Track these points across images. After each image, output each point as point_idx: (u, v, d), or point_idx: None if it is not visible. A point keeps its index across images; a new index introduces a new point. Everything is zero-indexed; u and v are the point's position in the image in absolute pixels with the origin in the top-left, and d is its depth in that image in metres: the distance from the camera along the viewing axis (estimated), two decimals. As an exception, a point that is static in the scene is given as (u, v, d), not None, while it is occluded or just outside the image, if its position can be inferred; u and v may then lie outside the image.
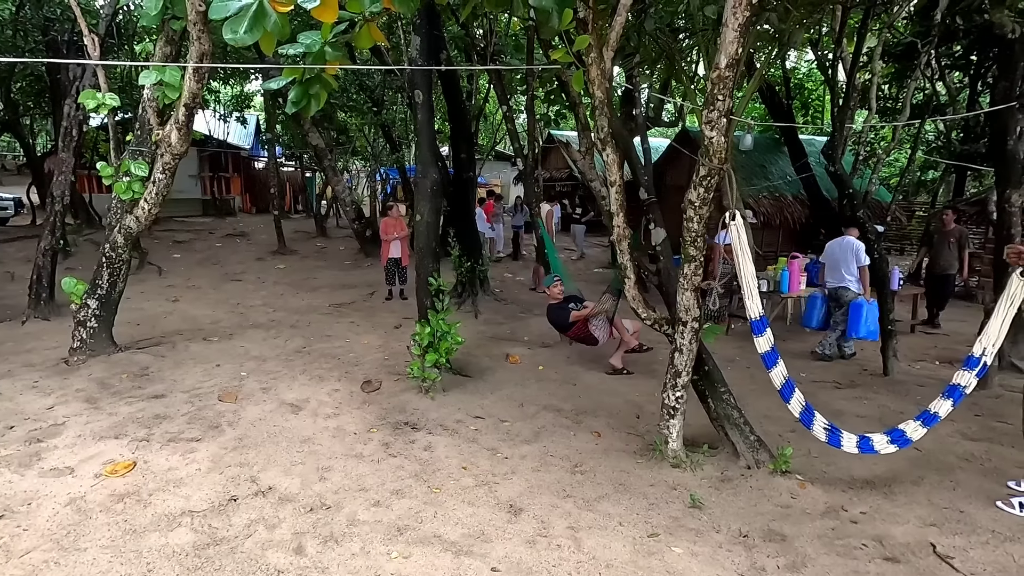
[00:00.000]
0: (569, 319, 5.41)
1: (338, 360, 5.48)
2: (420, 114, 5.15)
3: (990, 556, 2.76)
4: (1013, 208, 5.22)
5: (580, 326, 5.36)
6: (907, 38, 8.79)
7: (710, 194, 3.20)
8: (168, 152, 4.71)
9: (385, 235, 8.42)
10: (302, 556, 2.62)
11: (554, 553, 2.69)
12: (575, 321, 5.38)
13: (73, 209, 12.38)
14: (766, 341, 3.39)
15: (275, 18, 2.61)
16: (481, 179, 16.24)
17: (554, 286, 5.62)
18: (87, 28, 4.74)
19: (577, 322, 5.36)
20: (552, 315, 5.60)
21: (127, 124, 10.37)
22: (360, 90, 12.99)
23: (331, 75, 3.45)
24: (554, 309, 5.56)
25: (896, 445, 3.19)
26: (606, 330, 5.40)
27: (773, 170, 12.11)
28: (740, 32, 2.77)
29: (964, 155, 10.23)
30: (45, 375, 4.81)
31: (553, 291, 5.60)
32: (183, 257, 11.63)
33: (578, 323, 5.36)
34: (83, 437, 3.69)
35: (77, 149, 6.73)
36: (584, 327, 5.34)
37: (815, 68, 14.44)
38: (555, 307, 5.55)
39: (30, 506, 2.92)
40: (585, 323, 5.32)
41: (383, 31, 3.97)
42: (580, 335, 5.43)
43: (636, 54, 5.53)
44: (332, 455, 3.59)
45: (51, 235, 6.62)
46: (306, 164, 19.22)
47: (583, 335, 5.40)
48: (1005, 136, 5.19)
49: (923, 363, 6.12)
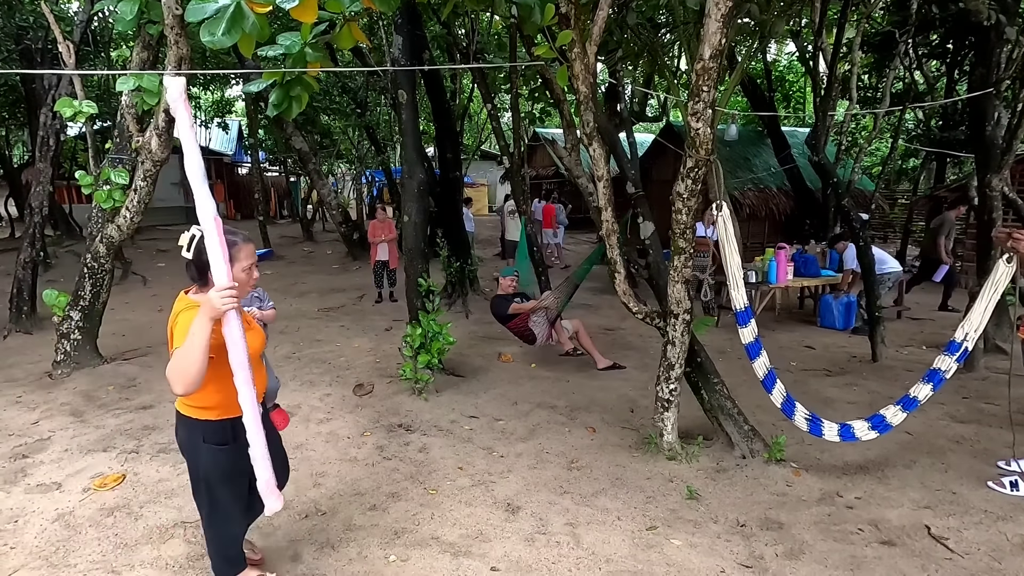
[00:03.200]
0: (508, 311, 5.37)
1: (329, 364, 5.43)
2: (404, 115, 5.11)
3: (983, 536, 2.79)
4: (993, 192, 5.30)
5: (520, 320, 5.31)
6: (885, 28, 8.90)
7: (698, 185, 3.21)
8: (149, 159, 4.63)
9: (373, 238, 8.36)
10: (299, 563, 2.59)
11: (553, 550, 2.69)
12: (515, 314, 5.33)
13: (53, 220, 12.20)
14: (750, 332, 3.41)
15: (253, 19, 2.57)
16: (467, 179, 16.24)
17: (508, 279, 5.59)
18: (61, 35, 4.65)
19: (517, 315, 5.32)
20: (494, 306, 5.56)
21: (106, 132, 10.22)
22: (343, 92, 12.90)
23: (312, 77, 3.40)
24: (498, 300, 5.53)
25: (877, 431, 3.22)
26: (546, 329, 5.34)
27: (757, 162, 12.22)
28: (723, 22, 2.78)
29: (944, 142, 10.38)
30: (29, 390, 4.71)
31: (504, 283, 5.57)
32: (168, 266, 11.47)
33: (518, 317, 5.31)
34: (70, 451, 3.62)
35: (55, 159, 6.61)
36: (524, 322, 5.29)
37: (796, 60, 14.61)
38: (499, 297, 5.53)
39: (17, 523, 2.86)
40: (526, 318, 5.28)
41: (364, 32, 3.94)
42: (519, 329, 5.37)
43: (619, 49, 5.55)
44: (326, 460, 3.55)
45: (31, 247, 6.49)
46: (290, 168, 19.08)
47: (522, 330, 5.35)
48: (983, 122, 5.26)
49: (911, 348, 6.19)
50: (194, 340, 1.73)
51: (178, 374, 1.73)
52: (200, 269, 1.91)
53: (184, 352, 1.74)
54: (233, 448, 2.04)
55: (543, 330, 5.33)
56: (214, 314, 1.75)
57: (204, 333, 1.73)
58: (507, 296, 5.50)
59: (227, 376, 1.91)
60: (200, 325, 1.74)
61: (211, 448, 2.04)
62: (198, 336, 1.73)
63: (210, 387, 1.88)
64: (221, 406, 2.02)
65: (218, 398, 2.00)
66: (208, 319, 1.75)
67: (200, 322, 1.75)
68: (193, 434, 2.06)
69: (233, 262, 1.91)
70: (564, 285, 5.47)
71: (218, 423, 2.03)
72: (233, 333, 1.83)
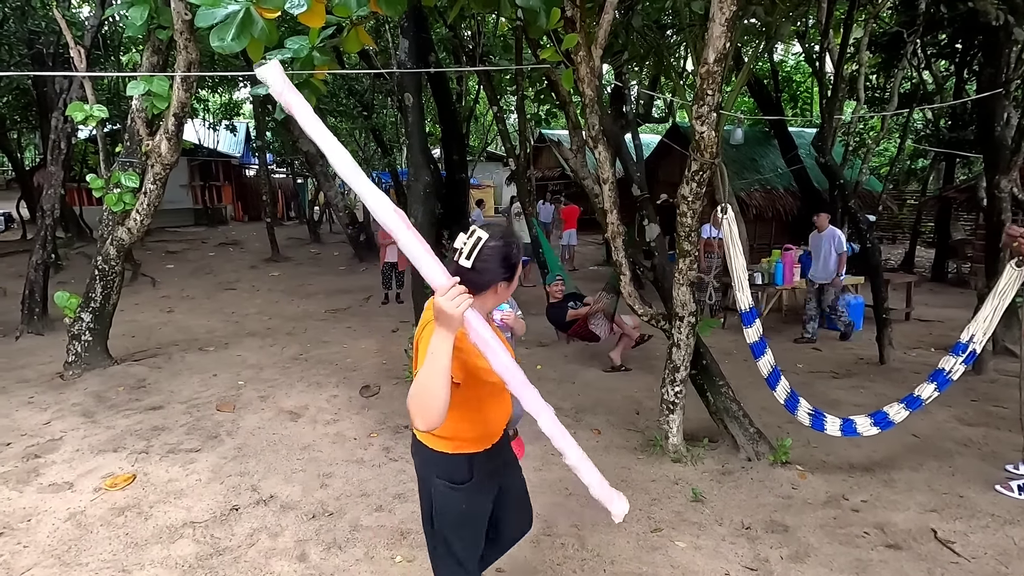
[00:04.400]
0: (567, 318, 5.42)
1: (336, 366, 5.46)
2: (411, 117, 5.14)
3: (991, 540, 2.78)
4: (1003, 194, 5.27)
5: (580, 324, 5.36)
6: (892, 28, 8.84)
7: (703, 189, 3.22)
8: (159, 162, 4.69)
9: (383, 240, 8.42)
10: (306, 564, 2.61)
11: (558, 551, 2.70)
12: (574, 320, 5.38)
13: (64, 223, 12.31)
14: (755, 331, 3.42)
15: (262, 24, 2.60)
16: (473, 180, 16.27)
17: (554, 285, 5.62)
18: (73, 40, 4.71)
19: (576, 320, 5.37)
20: (551, 315, 5.61)
21: (116, 135, 10.33)
22: (349, 95, 12.97)
23: (320, 80, 3.44)
24: (553, 308, 5.57)
25: (879, 427, 3.21)
26: (606, 327, 5.41)
27: (764, 163, 12.17)
28: (727, 26, 2.78)
29: (952, 142, 10.31)
30: (41, 390, 4.77)
31: (553, 290, 5.60)
32: (176, 267, 11.57)
33: (578, 321, 5.37)
34: (81, 451, 3.67)
35: (66, 162, 6.68)
36: (584, 325, 5.35)
37: (802, 61, 14.53)
38: (554, 306, 5.56)
39: (30, 522, 2.90)
40: (585, 321, 5.33)
41: (370, 35, 3.96)
42: (580, 333, 5.43)
43: (624, 51, 5.55)
44: (333, 461, 3.58)
45: (42, 249, 6.57)
46: (297, 170, 19.16)
47: (583, 333, 5.41)
48: (992, 123, 5.24)
49: (919, 350, 6.15)
50: (433, 363, 1.39)
51: (418, 405, 1.41)
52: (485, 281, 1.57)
53: (423, 377, 1.41)
54: (470, 489, 1.71)
55: (604, 328, 5.39)
56: (451, 324, 1.38)
57: (445, 353, 1.39)
58: (560, 304, 5.54)
59: (472, 404, 1.64)
60: (438, 342, 1.39)
61: (444, 486, 1.71)
62: (438, 357, 1.39)
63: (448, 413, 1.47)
64: (459, 438, 1.69)
65: (456, 428, 1.66)
66: (447, 332, 1.39)
67: (438, 338, 1.40)
68: (426, 465, 1.75)
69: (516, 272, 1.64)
70: (607, 288, 5.41)
71: (453, 457, 1.70)
72: (481, 336, 1.43)
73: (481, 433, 1.73)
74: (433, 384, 1.39)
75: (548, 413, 1.53)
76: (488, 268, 1.56)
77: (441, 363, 1.39)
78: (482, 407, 1.70)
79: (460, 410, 1.61)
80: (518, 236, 1.53)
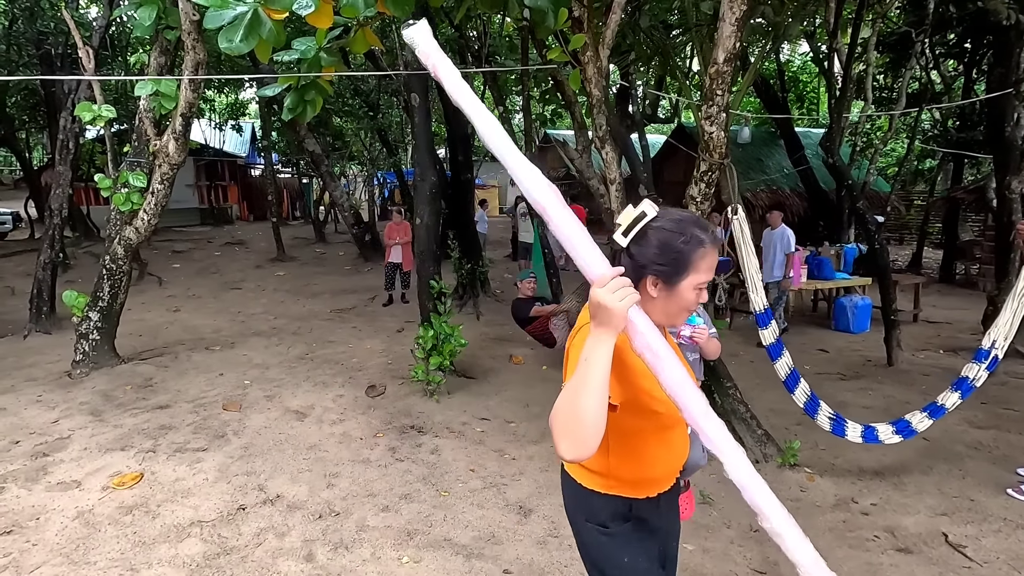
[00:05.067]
0: (530, 313, 5.37)
1: (341, 366, 5.47)
2: (417, 117, 5.14)
3: (1002, 544, 2.75)
4: (1013, 195, 5.23)
5: (541, 323, 5.31)
6: (901, 28, 8.79)
7: (711, 189, 3.20)
8: (166, 162, 4.70)
9: (388, 240, 8.43)
10: (313, 563, 2.61)
11: (565, 553, 2.69)
12: (536, 316, 5.33)
13: (71, 222, 12.38)
14: (771, 333, 3.38)
15: (270, 26, 2.61)
16: (478, 180, 16.27)
17: (526, 282, 5.62)
18: (81, 41, 4.74)
19: (538, 318, 5.32)
20: (515, 308, 5.59)
21: (123, 135, 10.38)
22: (355, 95, 12.99)
23: (326, 81, 3.44)
24: (518, 302, 5.56)
25: (901, 436, 3.18)
26: (566, 332, 5.30)
27: (770, 163, 12.13)
28: (737, 26, 2.77)
29: (961, 143, 10.24)
30: (49, 389, 4.80)
31: (524, 286, 5.61)
32: (182, 267, 11.62)
33: (539, 319, 5.31)
34: (89, 450, 3.68)
35: (74, 162, 6.72)
36: (544, 324, 5.29)
37: (809, 61, 14.48)
38: (520, 300, 5.56)
39: (38, 521, 2.91)
40: (547, 320, 5.28)
41: (376, 35, 3.96)
42: (539, 332, 5.37)
43: (631, 51, 5.54)
44: (339, 461, 3.58)
45: (50, 248, 6.61)
46: (303, 170, 19.23)
47: (542, 333, 5.34)
48: (1003, 123, 5.20)
49: (927, 352, 6.11)
50: (587, 372, 1.07)
51: (563, 425, 1.09)
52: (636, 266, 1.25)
53: (571, 391, 1.09)
54: (630, 535, 1.37)
55: (563, 333, 5.32)
56: (612, 322, 1.06)
57: (602, 361, 1.07)
58: (527, 299, 5.53)
59: (632, 438, 1.31)
60: (594, 346, 1.08)
61: (597, 531, 1.38)
62: (593, 365, 1.07)
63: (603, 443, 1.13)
64: (613, 476, 1.35)
65: (609, 464, 1.34)
66: (606, 334, 1.07)
67: (594, 341, 1.08)
68: (575, 502, 1.43)
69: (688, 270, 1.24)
70: (582, 288, 5.46)
71: (607, 499, 1.36)
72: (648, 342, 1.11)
73: (641, 477, 1.35)
74: (584, 400, 1.06)
75: (739, 456, 1.16)
76: (642, 252, 1.24)
77: (597, 373, 1.06)
78: (646, 444, 1.33)
79: (617, 442, 1.30)
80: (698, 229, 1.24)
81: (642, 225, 1.22)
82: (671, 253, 1.23)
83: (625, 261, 1.25)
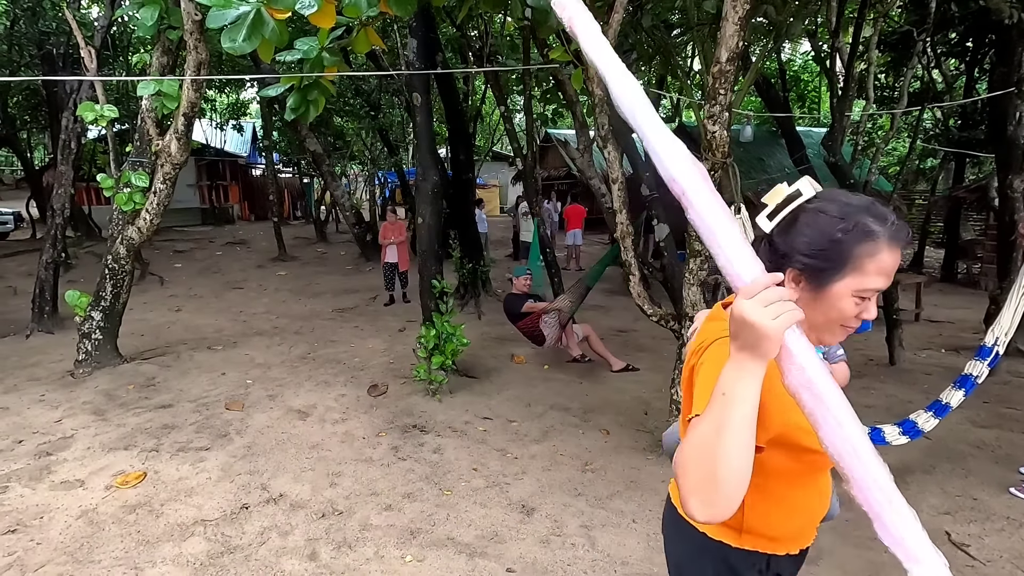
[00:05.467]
0: (521, 308, 5.37)
1: (343, 365, 5.48)
2: (419, 117, 5.14)
3: (1005, 543, 2.75)
4: (1015, 194, 5.22)
5: (531, 320, 5.30)
6: (902, 27, 8.78)
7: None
8: (168, 162, 4.71)
9: (383, 239, 8.42)
10: (316, 562, 2.62)
11: (568, 552, 2.69)
12: (527, 313, 5.33)
13: (73, 222, 12.39)
14: None
15: (273, 25, 2.61)
16: (479, 180, 16.27)
17: (522, 279, 5.62)
18: (83, 41, 4.74)
19: (530, 314, 5.31)
20: (507, 303, 5.59)
21: (125, 135, 10.39)
22: (356, 94, 13.00)
23: (329, 81, 3.44)
24: (511, 298, 5.56)
25: (908, 436, 3.17)
26: (556, 332, 5.30)
27: (771, 163, 12.14)
28: (740, 25, 2.77)
29: (963, 142, 10.23)
30: (51, 388, 4.81)
31: (518, 282, 5.61)
32: (184, 267, 11.64)
33: (530, 316, 5.31)
34: (92, 449, 3.69)
35: (76, 162, 6.73)
36: (535, 322, 5.28)
37: (811, 60, 14.46)
38: (512, 296, 5.57)
39: (42, 519, 2.92)
40: (537, 318, 5.27)
41: (378, 35, 3.96)
42: (529, 329, 5.35)
43: (633, 51, 5.54)
44: (342, 460, 3.58)
45: (52, 248, 6.62)
46: (304, 170, 19.24)
47: (532, 330, 5.33)
48: (1005, 122, 5.19)
49: (929, 351, 6.11)
50: (728, 411, 0.80)
51: (697, 479, 0.81)
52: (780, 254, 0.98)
53: (707, 433, 0.81)
54: None
55: (553, 332, 5.31)
56: (763, 347, 0.77)
57: (749, 397, 0.80)
58: (521, 295, 5.54)
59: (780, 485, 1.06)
60: (738, 376, 0.80)
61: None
62: (737, 402, 0.80)
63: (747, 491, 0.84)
64: (755, 532, 1.11)
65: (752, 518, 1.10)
66: (754, 362, 0.79)
67: (737, 370, 0.80)
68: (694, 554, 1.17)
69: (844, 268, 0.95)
70: (576, 288, 5.47)
71: (743, 554, 1.12)
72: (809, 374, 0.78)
73: (792, 530, 1.11)
74: (726, 447, 0.79)
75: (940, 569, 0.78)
76: (787, 241, 0.97)
77: (741, 413, 0.79)
78: (792, 490, 1.08)
79: (761, 492, 1.01)
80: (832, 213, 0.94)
81: (794, 206, 0.95)
82: (823, 243, 0.93)
83: (764, 252, 0.98)
